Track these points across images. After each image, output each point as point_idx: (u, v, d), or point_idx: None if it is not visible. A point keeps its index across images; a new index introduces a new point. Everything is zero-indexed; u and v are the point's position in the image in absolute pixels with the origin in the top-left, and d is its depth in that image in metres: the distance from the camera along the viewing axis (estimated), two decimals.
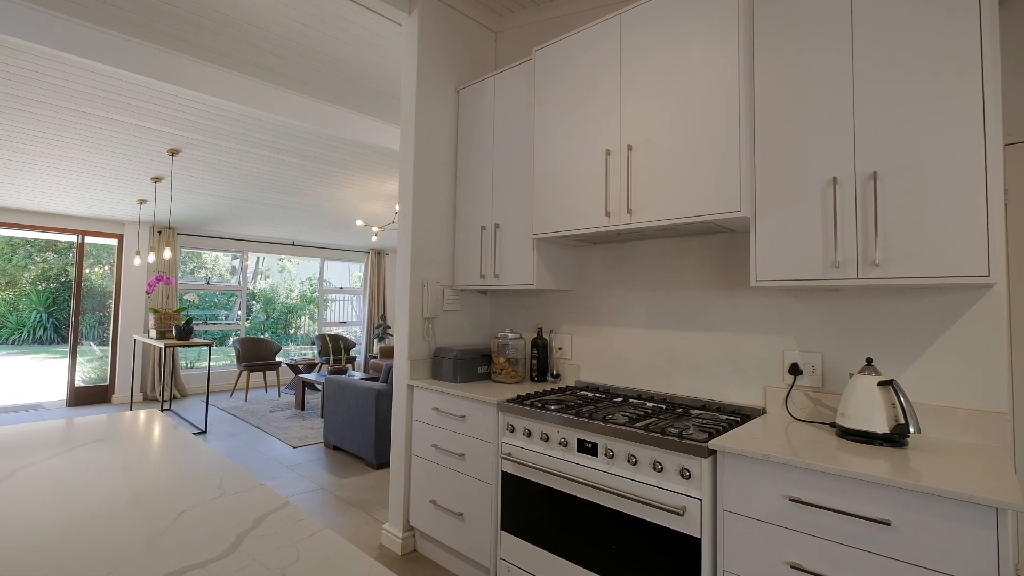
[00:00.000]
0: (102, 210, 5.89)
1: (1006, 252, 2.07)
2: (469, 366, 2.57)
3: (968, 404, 1.55)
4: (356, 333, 9.34)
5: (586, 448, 1.82)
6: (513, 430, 2.08)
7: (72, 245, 6.48)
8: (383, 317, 9.00)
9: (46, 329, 13.26)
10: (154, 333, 5.23)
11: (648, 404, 2.11)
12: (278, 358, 7.50)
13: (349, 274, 9.89)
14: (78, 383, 6.27)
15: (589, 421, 1.81)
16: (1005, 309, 1.51)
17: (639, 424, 1.75)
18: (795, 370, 1.87)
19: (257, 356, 7.02)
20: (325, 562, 0.77)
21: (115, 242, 6.46)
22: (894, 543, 1.23)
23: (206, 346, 5.28)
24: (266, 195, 5.77)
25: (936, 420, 1.59)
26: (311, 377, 5.70)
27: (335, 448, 4.42)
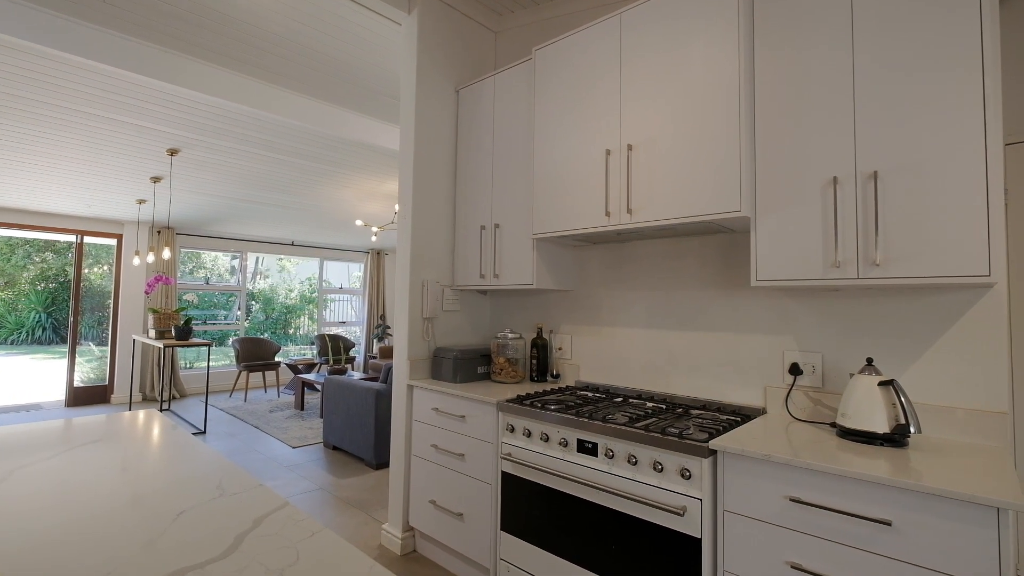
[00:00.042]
0: (101, 210, 5.88)
1: (1006, 252, 2.07)
2: (469, 366, 2.56)
3: (969, 404, 1.55)
4: (355, 333, 9.34)
5: (586, 448, 1.82)
6: (513, 430, 2.08)
7: (71, 245, 6.46)
8: (382, 317, 9.00)
9: (45, 329, 13.25)
10: (153, 333, 5.22)
11: (648, 404, 2.11)
12: (277, 358, 7.50)
13: (348, 274, 9.89)
14: (77, 383, 6.26)
15: (589, 421, 1.81)
16: (1005, 309, 1.51)
17: (639, 424, 1.75)
18: (795, 370, 1.87)
19: (256, 356, 7.02)
20: (325, 563, 0.77)
21: (114, 242, 6.45)
22: (895, 543, 1.23)
23: (205, 346, 5.27)
24: (265, 195, 5.77)
25: (937, 420, 1.59)
26: (310, 377, 5.70)
27: (334, 448, 4.42)
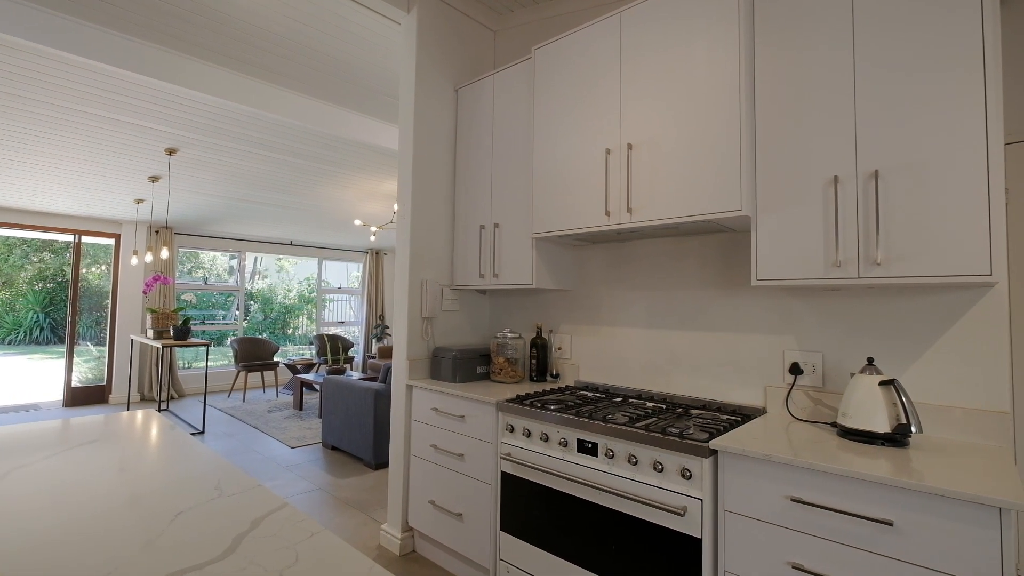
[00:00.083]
0: (99, 210, 5.86)
1: (1007, 252, 2.06)
2: (468, 366, 2.56)
3: (969, 403, 1.55)
4: (354, 333, 9.33)
5: (586, 448, 1.81)
6: (512, 430, 2.07)
7: (69, 245, 6.45)
8: (381, 317, 8.99)
9: (43, 329, 13.21)
10: (151, 333, 5.21)
11: (648, 404, 2.10)
12: (276, 358, 7.48)
13: (347, 274, 9.88)
14: (75, 383, 6.25)
15: (589, 421, 1.80)
16: (1006, 308, 1.51)
17: (639, 424, 1.74)
18: (796, 370, 1.87)
19: (255, 356, 7.00)
20: (324, 564, 0.76)
21: (112, 242, 6.44)
22: (896, 543, 1.22)
23: (203, 346, 5.26)
24: (264, 194, 5.76)
25: (938, 420, 1.59)
26: (309, 377, 5.69)
27: (333, 448, 4.41)
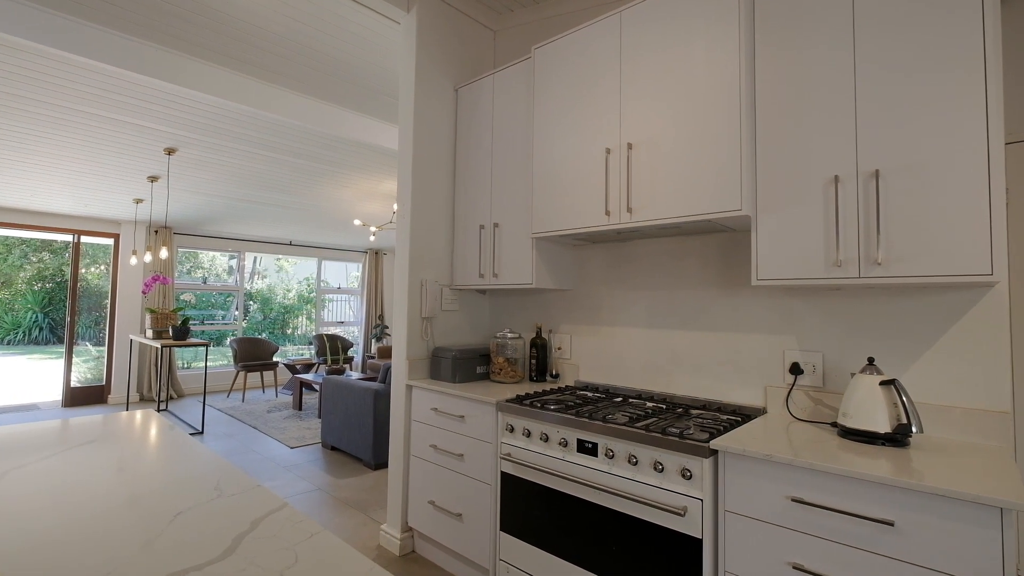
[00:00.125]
0: (98, 209, 5.86)
1: (1007, 251, 2.06)
2: (468, 366, 2.55)
3: (970, 403, 1.55)
4: (354, 333, 9.32)
5: (586, 448, 1.81)
6: (512, 430, 2.07)
7: (68, 245, 6.43)
8: (381, 317, 8.98)
9: (42, 329, 13.19)
10: (150, 333, 5.20)
11: (648, 404, 2.10)
12: (275, 358, 7.47)
13: (347, 274, 9.88)
14: (74, 383, 6.24)
15: (589, 421, 1.80)
16: (1007, 308, 1.50)
17: (639, 424, 1.74)
18: (796, 369, 1.86)
19: (254, 356, 7.00)
20: (323, 564, 0.76)
21: (111, 242, 6.43)
22: (897, 543, 1.22)
23: (203, 346, 5.25)
24: (263, 194, 5.75)
25: (938, 419, 1.59)
26: (308, 377, 5.68)
27: (333, 448, 4.40)
